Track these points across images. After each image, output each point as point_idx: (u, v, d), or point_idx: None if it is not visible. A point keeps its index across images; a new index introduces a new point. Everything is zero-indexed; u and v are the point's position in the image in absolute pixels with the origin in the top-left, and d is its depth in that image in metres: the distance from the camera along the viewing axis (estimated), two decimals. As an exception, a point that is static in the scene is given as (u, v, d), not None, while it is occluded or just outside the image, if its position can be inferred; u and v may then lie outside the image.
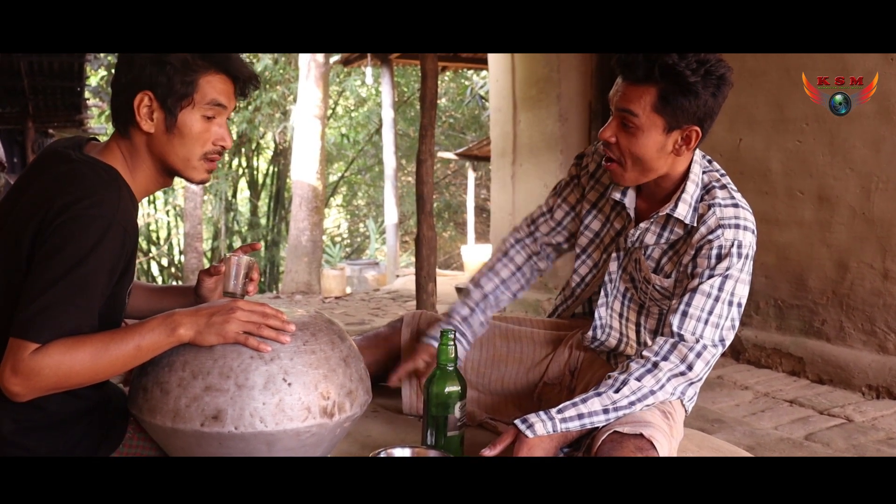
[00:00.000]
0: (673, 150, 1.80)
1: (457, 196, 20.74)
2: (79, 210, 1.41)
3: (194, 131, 1.58)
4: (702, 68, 1.70)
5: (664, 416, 1.77)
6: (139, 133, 1.57)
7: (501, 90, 7.42)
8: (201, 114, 1.58)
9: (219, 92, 1.59)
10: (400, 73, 17.15)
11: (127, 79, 1.55)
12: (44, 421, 1.49)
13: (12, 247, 1.45)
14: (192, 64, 1.55)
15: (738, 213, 1.82)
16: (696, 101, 1.72)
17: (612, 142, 1.81)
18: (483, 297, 2.17)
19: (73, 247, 1.40)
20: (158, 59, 1.52)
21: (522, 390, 2.17)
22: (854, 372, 3.91)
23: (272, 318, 1.50)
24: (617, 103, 1.79)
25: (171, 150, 1.58)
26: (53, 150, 1.59)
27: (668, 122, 1.75)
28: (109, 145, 1.60)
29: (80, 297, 1.40)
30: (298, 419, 1.47)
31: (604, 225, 2.06)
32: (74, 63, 8.54)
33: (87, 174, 1.49)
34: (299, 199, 12.76)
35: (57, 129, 11.92)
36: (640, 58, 1.72)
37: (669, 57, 1.69)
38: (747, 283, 1.83)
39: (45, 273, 1.39)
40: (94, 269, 1.41)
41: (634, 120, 1.76)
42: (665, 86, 1.71)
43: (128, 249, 1.50)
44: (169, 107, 1.54)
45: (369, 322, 6.67)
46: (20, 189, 1.55)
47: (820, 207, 4.13)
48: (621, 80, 1.79)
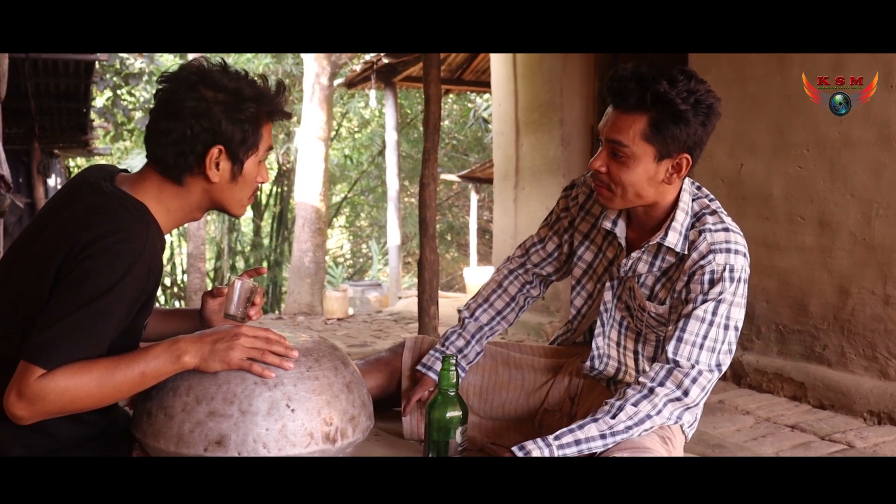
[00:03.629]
0: (664, 178, 1.82)
1: (459, 217, 20.76)
2: (106, 244, 1.42)
3: (253, 176, 1.63)
4: (692, 97, 1.72)
5: (663, 441, 1.78)
6: (198, 180, 1.58)
7: (504, 114, 7.46)
8: (259, 159, 1.63)
9: (270, 136, 1.65)
10: (403, 95, 17.22)
11: (195, 132, 1.53)
12: (51, 446, 1.50)
13: (37, 275, 1.46)
14: (259, 117, 1.59)
15: (729, 237, 1.83)
16: (687, 130, 1.74)
17: (603, 171, 1.83)
18: (479, 329, 2.20)
19: (97, 279, 1.41)
20: (233, 117, 1.54)
21: (524, 416, 2.18)
22: (855, 397, 3.90)
23: (276, 343, 1.52)
24: (608, 134, 1.80)
25: (229, 196, 1.62)
26: (84, 179, 1.59)
27: (659, 150, 1.77)
28: (143, 182, 1.59)
29: (94, 330, 1.41)
30: (301, 445, 1.48)
31: (596, 255, 2.08)
32: (81, 84, 8.59)
33: (117, 209, 1.50)
34: (302, 220, 12.78)
35: (62, 149, 11.97)
36: (632, 85, 1.73)
37: (660, 84, 1.71)
38: (742, 307, 1.83)
39: (65, 302, 1.40)
40: (113, 303, 1.43)
41: (625, 150, 1.77)
42: (656, 114, 1.73)
43: (149, 287, 1.52)
44: (239, 158, 1.58)
45: (371, 344, 6.66)
46: (48, 216, 1.55)
47: (821, 233, 4.14)
48: (612, 110, 1.80)
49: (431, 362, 2.14)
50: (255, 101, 1.58)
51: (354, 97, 17.37)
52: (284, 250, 18.49)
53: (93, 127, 11.17)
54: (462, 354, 2.15)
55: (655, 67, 1.76)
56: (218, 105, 1.53)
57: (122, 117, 12.63)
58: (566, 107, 6.22)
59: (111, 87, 11.78)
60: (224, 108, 1.54)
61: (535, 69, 6.72)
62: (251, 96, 1.57)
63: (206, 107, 1.53)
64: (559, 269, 2.21)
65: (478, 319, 2.21)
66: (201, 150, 1.55)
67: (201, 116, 1.53)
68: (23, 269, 1.50)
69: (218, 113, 1.53)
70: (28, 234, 1.57)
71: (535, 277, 2.24)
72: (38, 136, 10.41)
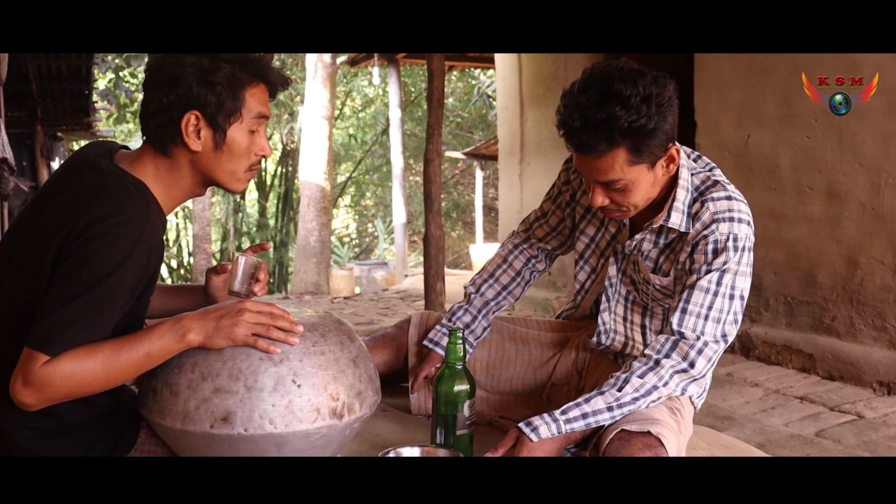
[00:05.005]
0: (664, 173, 1.78)
1: (465, 195, 20.73)
2: (106, 227, 1.40)
3: (242, 146, 1.56)
4: (651, 105, 1.65)
5: (672, 412, 1.76)
6: (183, 151, 1.53)
7: (508, 89, 7.42)
8: (248, 128, 1.56)
9: (261, 103, 1.57)
10: (407, 72, 17.15)
11: (170, 99, 1.49)
12: (57, 428, 1.49)
13: (37, 256, 1.44)
14: (238, 79, 1.52)
15: (732, 205, 1.79)
16: (662, 130, 1.69)
17: (607, 203, 1.79)
18: (485, 304, 2.19)
19: (97, 264, 1.38)
20: (205, 79, 1.48)
21: (531, 390, 2.17)
22: (865, 368, 3.89)
23: (280, 319, 1.50)
24: (595, 178, 1.75)
25: (217, 166, 1.56)
26: (83, 156, 1.57)
27: (649, 160, 1.72)
28: (141, 158, 1.56)
29: (98, 315, 1.39)
30: (308, 420, 1.47)
31: (598, 229, 2.05)
32: (82, 66, 8.56)
33: (116, 189, 1.47)
34: (307, 200, 12.78)
35: (65, 132, 11.97)
36: (592, 134, 1.66)
37: (618, 118, 1.63)
38: (748, 276, 1.80)
39: (67, 287, 1.38)
40: (115, 287, 1.41)
41: (620, 182, 1.73)
42: (630, 142, 1.67)
43: (151, 268, 1.49)
44: (219, 125, 1.52)
45: (378, 322, 6.67)
46: (48, 195, 1.53)
47: (829, 203, 4.12)
48: (583, 156, 1.73)
49: (438, 338, 2.13)
50: (231, 63, 1.51)
51: (357, 76, 17.30)
52: (290, 230, 18.52)
53: (95, 109, 11.16)
54: (469, 330, 2.14)
55: (593, 84, 1.67)
56: (190, 68, 1.48)
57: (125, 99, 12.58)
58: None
59: (113, 69, 11.74)
60: (195, 71, 1.48)
61: (539, 43, 6.67)
62: (228, 58, 1.51)
63: (178, 71, 1.48)
64: (563, 242, 2.19)
65: (483, 295, 2.19)
66: (178, 118, 1.50)
67: (174, 82, 1.49)
68: (23, 251, 1.48)
69: (189, 76, 1.48)
70: (28, 214, 1.54)
71: (539, 252, 2.22)
72: (41, 118, 10.41)
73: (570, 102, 1.69)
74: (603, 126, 1.65)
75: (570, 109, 1.68)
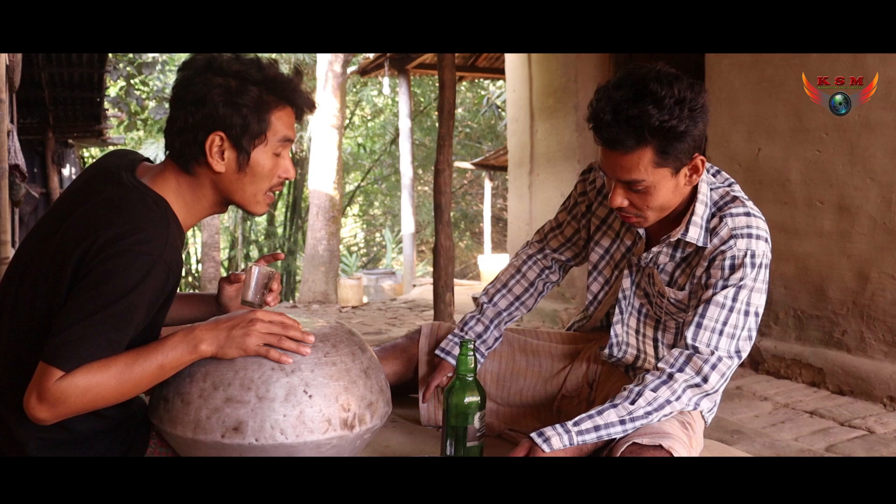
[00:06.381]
0: (685, 182, 1.78)
1: (473, 205, 20.74)
2: (126, 245, 1.39)
3: (266, 168, 1.56)
4: (684, 108, 1.65)
5: (683, 426, 1.76)
6: (206, 170, 1.53)
7: (518, 100, 7.42)
8: (272, 151, 1.56)
9: (287, 126, 1.57)
10: (416, 82, 17.19)
11: (196, 118, 1.49)
12: (68, 439, 1.50)
13: (55, 269, 1.43)
14: (265, 102, 1.52)
15: (751, 221, 1.79)
16: (692, 137, 1.69)
17: (626, 205, 1.79)
18: (497, 314, 2.18)
19: (116, 281, 1.38)
20: (232, 100, 1.48)
21: (541, 403, 2.16)
22: (875, 383, 3.87)
23: (292, 329, 1.50)
24: (618, 176, 1.75)
25: (239, 188, 1.56)
26: (105, 168, 1.56)
27: (674, 166, 1.72)
28: (164, 174, 1.56)
29: (114, 332, 1.39)
30: (319, 431, 1.47)
31: (613, 241, 2.04)
32: (94, 74, 8.61)
33: (137, 205, 1.46)
34: (316, 209, 12.80)
35: (76, 139, 12.01)
36: (622, 129, 1.66)
37: (650, 116, 1.64)
38: (763, 292, 1.80)
39: (84, 303, 1.37)
40: (133, 305, 1.40)
41: (642, 184, 1.73)
42: (658, 142, 1.67)
43: (169, 287, 1.49)
44: (243, 147, 1.52)
45: (387, 332, 6.67)
46: (69, 206, 1.52)
47: (840, 217, 4.10)
48: (609, 151, 1.73)
49: (450, 347, 2.13)
50: (259, 85, 1.51)
51: (367, 85, 17.35)
52: (298, 239, 18.53)
53: (106, 116, 11.21)
54: (481, 340, 2.13)
55: (629, 83, 1.68)
56: (217, 89, 1.48)
57: (136, 107, 12.66)
58: (581, 92, 6.17)
59: (124, 77, 11.82)
60: (222, 92, 1.48)
61: (550, 55, 6.67)
62: (256, 80, 1.51)
63: (205, 91, 1.48)
64: (578, 253, 2.19)
65: (496, 305, 2.19)
66: (202, 138, 1.50)
67: (200, 102, 1.48)
68: (41, 262, 1.47)
69: (216, 97, 1.48)
70: (47, 225, 1.53)
71: (553, 262, 2.22)
72: (53, 125, 10.45)
73: (604, 96, 1.70)
74: (634, 122, 1.65)
75: (603, 103, 1.69)
